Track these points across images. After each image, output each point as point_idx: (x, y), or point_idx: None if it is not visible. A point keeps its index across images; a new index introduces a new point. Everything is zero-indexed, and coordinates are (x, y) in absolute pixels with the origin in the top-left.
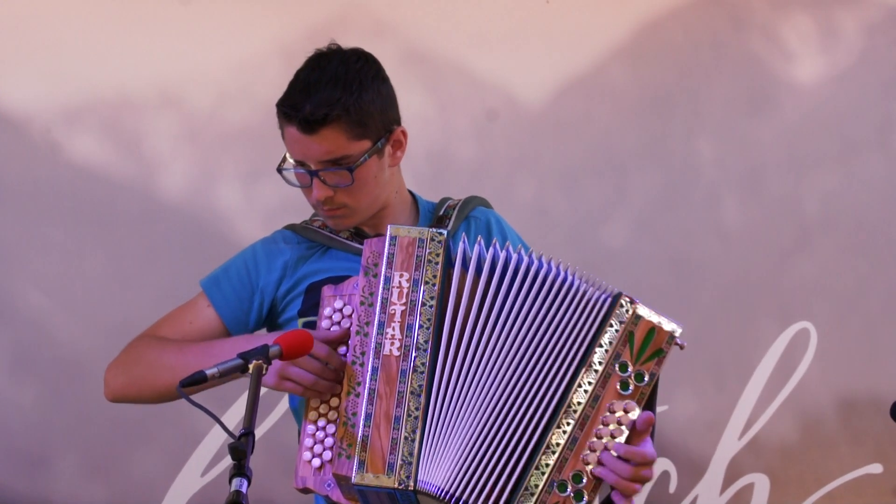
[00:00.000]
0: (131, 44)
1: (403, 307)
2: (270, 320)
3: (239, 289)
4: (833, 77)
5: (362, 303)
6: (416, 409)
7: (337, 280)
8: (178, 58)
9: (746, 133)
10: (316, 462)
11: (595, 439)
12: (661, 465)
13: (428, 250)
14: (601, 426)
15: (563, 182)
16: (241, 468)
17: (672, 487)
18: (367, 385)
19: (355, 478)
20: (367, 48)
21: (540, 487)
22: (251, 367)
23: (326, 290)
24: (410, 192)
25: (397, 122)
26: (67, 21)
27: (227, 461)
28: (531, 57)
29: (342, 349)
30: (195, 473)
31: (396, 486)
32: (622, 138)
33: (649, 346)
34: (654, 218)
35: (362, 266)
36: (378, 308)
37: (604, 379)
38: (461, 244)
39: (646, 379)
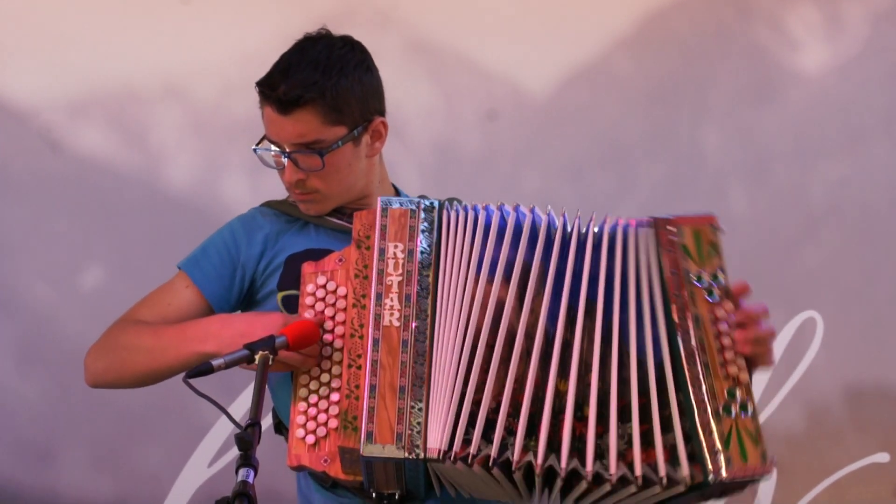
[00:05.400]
0: (136, 36)
1: (400, 278)
2: (249, 297)
3: (219, 265)
4: (839, 66)
5: (356, 275)
6: (421, 377)
7: (317, 254)
8: (183, 50)
9: (752, 123)
10: (310, 439)
11: (721, 354)
12: None
13: (421, 219)
14: (717, 338)
15: (568, 173)
16: (247, 459)
17: None
18: (369, 357)
19: (364, 449)
20: (372, 39)
21: (704, 422)
22: (257, 357)
23: (307, 267)
24: (393, 186)
25: (379, 112)
26: (72, 14)
27: (234, 452)
28: (536, 48)
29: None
30: (202, 464)
31: (406, 455)
32: (628, 129)
33: (703, 245)
34: (659, 208)
35: (353, 239)
36: (374, 279)
37: (691, 300)
38: (453, 211)
39: (721, 278)
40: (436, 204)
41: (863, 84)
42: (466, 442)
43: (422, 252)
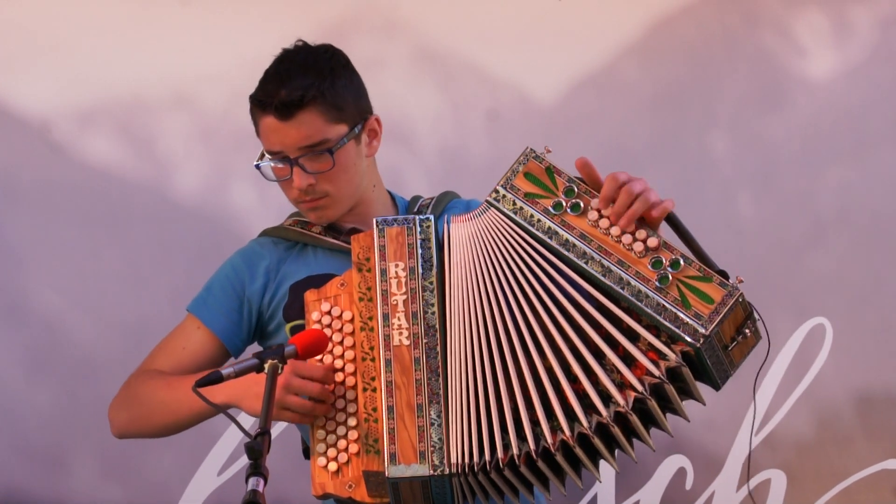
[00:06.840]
0: (144, 44)
1: (405, 296)
2: (260, 330)
3: (225, 302)
4: (847, 72)
5: (360, 299)
6: (436, 393)
7: (317, 280)
8: (190, 58)
9: (760, 129)
10: (332, 466)
11: (621, 241)
12: (678, 461)
13: (419, 236)
14: (608, 233)
15: None
16: (257, 467)
17: (688, 484)
18: (383, 378)
19: (389, 471)
20: (379, 46)
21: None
22: (266, 366)
23: (310, 295)
24: (389, 193)
25: (370, 111)
26: (80, 23)
27: (244, 460)
28: (543, 54)
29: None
30: (211, 473)
31: (431, 472)
32: (635, 135)
33: (541, 179)
34: None
35: (354, 262)
36: (379, 301)
37: (567, 226)
38: (444, 226)
39: (574, 188)
40: (431, 218)
41: (870, 90)
42: (484, 449)
43: (423, 268)
